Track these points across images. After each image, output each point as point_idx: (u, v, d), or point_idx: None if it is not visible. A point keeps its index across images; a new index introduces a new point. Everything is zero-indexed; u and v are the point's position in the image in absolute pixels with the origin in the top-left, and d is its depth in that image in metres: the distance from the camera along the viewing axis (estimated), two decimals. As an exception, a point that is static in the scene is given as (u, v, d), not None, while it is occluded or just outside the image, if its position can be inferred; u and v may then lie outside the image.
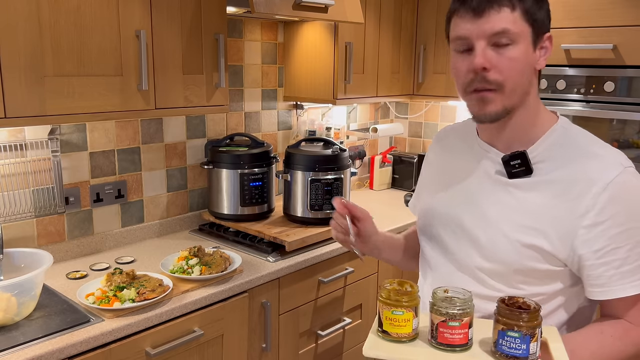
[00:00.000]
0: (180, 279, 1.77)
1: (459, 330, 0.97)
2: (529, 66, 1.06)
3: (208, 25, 1.90)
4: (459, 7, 1.05)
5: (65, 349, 1.40)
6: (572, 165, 1.06)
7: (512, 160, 1.09)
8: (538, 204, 1.06)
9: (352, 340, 2.36)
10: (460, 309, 0.97)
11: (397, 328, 1.01)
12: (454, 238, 1.17)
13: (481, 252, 1.12)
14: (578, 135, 1.12)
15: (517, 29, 1.02)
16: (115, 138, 2.09)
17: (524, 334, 0.93)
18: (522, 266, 1.07)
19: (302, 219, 2.25)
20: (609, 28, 2.17)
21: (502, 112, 1.06)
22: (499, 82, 1.03)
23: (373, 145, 3.29)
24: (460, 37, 1.05)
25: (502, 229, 1.09)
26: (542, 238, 1.05)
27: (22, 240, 1.89)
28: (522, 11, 1.02)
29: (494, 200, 1.12)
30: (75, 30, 1.57)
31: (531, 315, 0.94)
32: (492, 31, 1.02)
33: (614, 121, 2.19)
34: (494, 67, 1.03)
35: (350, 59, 2.44)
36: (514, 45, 1.02)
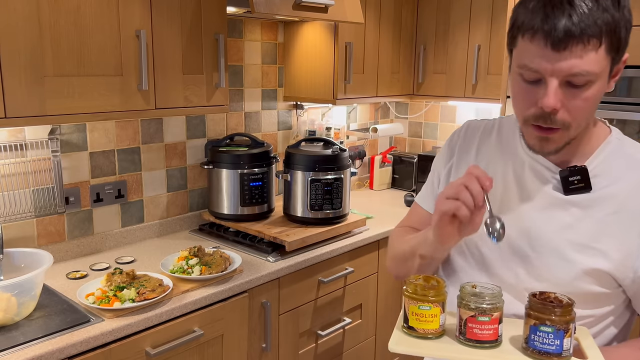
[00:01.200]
0: (180, 279, 1.77)
1: (488, 325, 0.93)
2: (600, 97, 0.94)
3: (208, 25, 1.90)
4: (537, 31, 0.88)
5: (65, 348, 1.41)
6: (630, 180, 1.00)
7: (571, 176, 1.00)
8: (596, 221, 0.99)
9: (352, 340, 2.36)
10: (489, 303, 0.93)
11: (424, 324, 0.97)
12: (497, 253, 1.07)
13: (532, 272, 1.03)
14: (633, 147, 1.05)
15: (598, 68, 0.88)
16: (115, 138, 2.09)
17: (557, 328, 0.89)
18: (577, 289, 1.00)
19: (302, 219, 2.25)
20: (609, 28, 2.17)
21: (562, 147, 0.97)
22: (565, 123, 0.92)
23: (373, 145, 3.29)
24: (532, 69, 0.91)
25: (557, 248, 1.01)
26: (602, 258, 0.98)
27: (22, 240, 1.89)
28: (607, 45, 0.88)
29: (548, 217, 1.03)
30: (75, 30, 1.57)
31: (564, 310, 0.90)
32: (570, 72, 0.88)
33: (614, 121, 2.19)
34: (564, 107, 0.91)
35: (350, 59, 2.44)
36: (591, 85, 0.90)
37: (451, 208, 0.94)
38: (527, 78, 0.93)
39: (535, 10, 0.88)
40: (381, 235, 2.36)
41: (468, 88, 2.70)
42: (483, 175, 0.94)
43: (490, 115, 3.00)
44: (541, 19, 0.87)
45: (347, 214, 2.34)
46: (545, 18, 0.86)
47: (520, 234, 1.05)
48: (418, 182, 2.95)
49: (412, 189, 3.07)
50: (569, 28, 0.85)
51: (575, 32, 0.85)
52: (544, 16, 0.87)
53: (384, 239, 2.39)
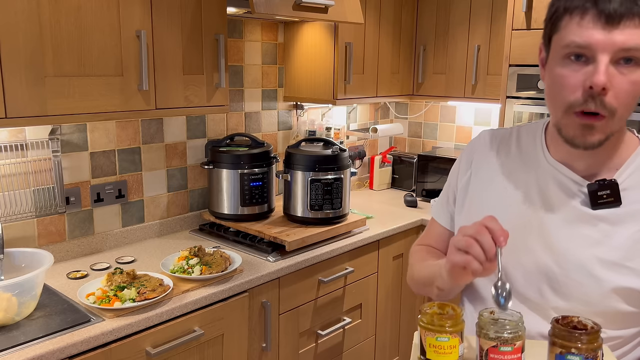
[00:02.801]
0: (181, 279, 1.77)
1: (511, 355, 0.87)
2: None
3: (208, 26, 1.90)
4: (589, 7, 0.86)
5: (65, 348, 1.41)
6: None
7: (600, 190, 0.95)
8: (626, 237, 0.94)
9: (352, 340, 2.36)
10: (511, 332, 0.87)
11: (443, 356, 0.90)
12: (520, 271, 1.02)
13: (558, 290, 0.99)
14: None
15: None
16: (115, 138, 2.09)
17: (585, 357, 0.83)
18: (607, 308, 0.95)
19: (302, 219, 2.26)
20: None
21: (604, 140, 0.92)
22: (612, 108, 0.88)
23: (373, 145, 3.29)
24: (580, 45, 0.87)
25: (585, 266, 0.96)
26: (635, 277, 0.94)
27: (23, 240, 1.89)
28: None
29: (575, 232, 0.98)
30: (76, 30, 1.57)
31: (592, 336, 0.84)
32: (624, 45, 0.84)
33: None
34: (613, 88, 0.86)
35: (350, 59, 2.45)
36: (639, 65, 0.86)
37: (461, 261, 0.90)
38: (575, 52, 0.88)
39: None
40: (381, 235, 2.36)
41: (468, 88, 2.70)
42: (498, 229, 0.89)
43: (490, 115, 3.00)
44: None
45: (347, 214, 2.35)
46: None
47: (545, 250, 1.00)
48: (418, 182, 2.95)
49: (412, 189, 3.07)
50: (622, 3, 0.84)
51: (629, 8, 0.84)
52: None
53: (384, 239, 2.39)
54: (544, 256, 1.00)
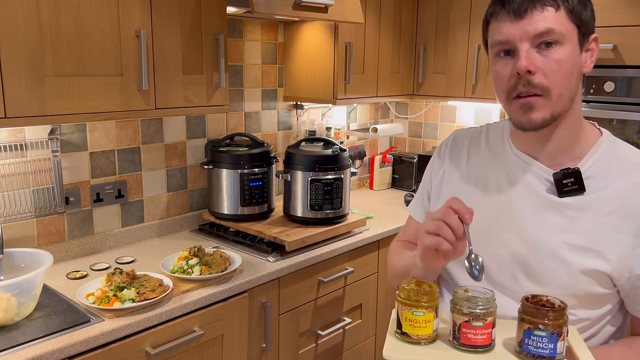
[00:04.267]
0: (180, 279, 1.77)
1: (482, 330, 0.94)
2: (575, 69, 0.98)
3: (208, 25, 1.90)
4: (499, 9, 0.98)
5: (65, 348, 1.41)
6: (623, 181, 1.01)
7: (565, 179, 1.02)
8: (592, 223, 1.00)
9: (352, 340, 2.36)
10: (483, 308, 0.94)
11: (418, 329, 0.97)
12: (495, 260, 1.07)
13: (531, 276, 1.04)
14: (624, 148, 1.06)
15: (562, 28, 0.95)
16: (115, 138, 2.09)
17: (551, 332, 0.90)
18: (579, 290, 1.01)
19: (302, 219, 2.25)
20: (609, 28, 2.17)
21: (550, 119, 0.99)
22: (544, 87, 0.96)
23: (373, 145, 3.29)
24: (502, 41, 0.98)
25: (555, 252, 1.02)
26: (601, 260, 0.99)
27: (22, 240, 1.89)
28: (566, 10, 0.96)
29: (544, 220, 1.04)
30: (76, 30, 1.57)
31: (558, 313, 0.91)
32: (535, 32, 0.95)
33: (614, 121, 2.19)
34: (539, 69, 0.95)
35: (350, 59, 2.44)
36: (560, 46, 0.96)
37: (432, 243, 0.97)
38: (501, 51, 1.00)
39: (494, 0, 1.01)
40: (381, 235, 2.36)
41: (468, 88, 2.70)
42: (463, 208, 0.96)
43: (490, 115, 3.00)
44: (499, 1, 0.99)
45: (347, 214, 2.34)
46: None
47: (517, 239, 1.05)
48: (418, 182, 2.94)
49: (412, 189, 3.07)
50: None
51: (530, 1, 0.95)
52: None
53: (384, 239, 2.39)
54: (516, 245, 1.05)
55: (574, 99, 1.01)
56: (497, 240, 1.07)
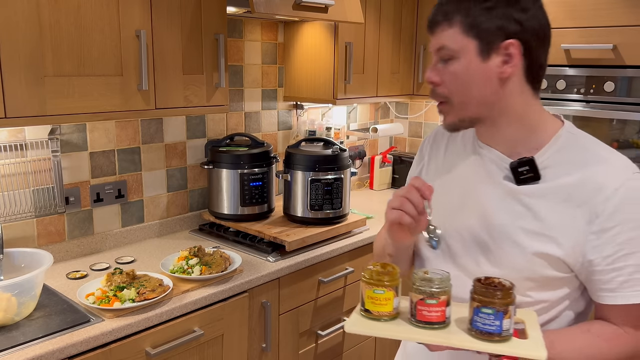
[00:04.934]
0: (180, 279, 1.77)
1: (436, 308, 1.01)
2: (479, 78, 1.05)
3: (208, 25, 1.90)
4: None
5: (65, 348, 1.41)
6: (580, 171, 1.05)
7: (520, 167, 1.08)
8: (547, 210, 1.05)
9: (352, 340, 2.36)
10: (438, 287, 1.01)
11: (379, 306, 1.05)
12: (461, 243, 1.15)
13: (491, 259, 1.10)
14: (585, 139, 1.11)
15: (455, 45, 1.04)
16: (115, 138, 2.09)
17: (497, 310, 0.96)
18: (533, 273, 1.06)
19: (302, 219, 2.25)
20: (609, 28, 2.17)
21: (459, 124, 1.10)
22: (445, 96, 1.08)
23: (373, 145, 3.29)
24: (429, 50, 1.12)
25: (512, 237, 1.07)
26: (553, 244, 1.04)
27: (22, 240, 1.89)
28: (462, 26, 1.03)
29: (503, 206, 1.10)
30: (76, 30, 1.57)
31: (505, 293, 0.97)
32: (435, 47, 1.07)
33: (614, 121, 2.19)
34: (442, 81, 1.07)
35: (350, 59, 2.44)
36: (455, 60, 1.05)
37: (396, 217, 1.09)
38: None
39: None
40: (381, 235, 2.36)
41: (468, 88, 2.70)
42: (422, 185, 1.08)
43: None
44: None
45: (347, 214, 2.34)
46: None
47: (480, 224, 1.12)
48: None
49: (412, 189, 3.07)
50: (433, 15, 1.08)
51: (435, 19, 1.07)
52: None
53: (384, 239, 2.38)
54: (479, 230, 1.12)
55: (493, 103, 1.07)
56: (463, 225, 1.15)
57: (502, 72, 1.05)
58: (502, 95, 1.06)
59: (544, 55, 1.08)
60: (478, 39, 1.03)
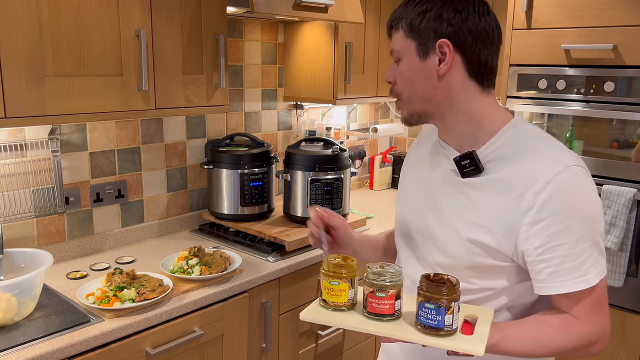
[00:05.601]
0: (180, 279, 1.77)
1: (385, 301, 1.05)
2: (420, 76, 1.13)
3: (208, 25, 1.90)
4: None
5: (65, 348, 1.41)
6: (516, 164, 1.10)
7: (462, 160, 1.14)
8: (486, 201, 1.11)
9: (352, 341, 2.36)
10: (387, 281, 1.05)
11: (334, 297, 1.11)
12: (420, 235, 1.23)
13: (439, 249, 1.17)
14: (527, 133, 1.15)
15: (399, 47, 1.14)
16: (115, 138, 2.09)
17: (439, 305, 1.00)
18: (472, 262, 1.12)
19: (302, 219, 2.25)
20: (609, 28, 2.17)
21: (409, 118, 1.19)
22: (397, 93, 1.17)
23: (373, 145, 3.29)
24: None
25: (454, 227, 1.14)
26: (487, 234, 1.09)
27: (22, 240, 1.89)
28: (404, 29, 1.13)
29: (450, 198, 1.17)
30: (75, 30, 1.57)
31: (449, 289, 1.00)
32: (390, 51, 1.18)
33: (614, 121, 2.19)
34: (395, 80, 1.17)
35: (350, 59, 2.44)
36: (401, 61, 1.15)
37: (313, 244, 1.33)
38: None
39: None
40: (381, 235, 2.36)
41: (468, 88, 2.70)
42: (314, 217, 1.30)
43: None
44: None
45: (347, 214, 2.34)
46: None
47: (434, 216, 1.19)
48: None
49: (412, 189, 3.07)
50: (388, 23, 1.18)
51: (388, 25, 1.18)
52: None
53: (384, 239, 2.39)
54: (431, 220, 1.20)
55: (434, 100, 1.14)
56: (421, 217, 1.23)
57: (439, 70, 1.11)
58: (444, 91, 1.13)
59: (490, 55, 1.14)
60: (415, 40, 1.12)
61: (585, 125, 2.26)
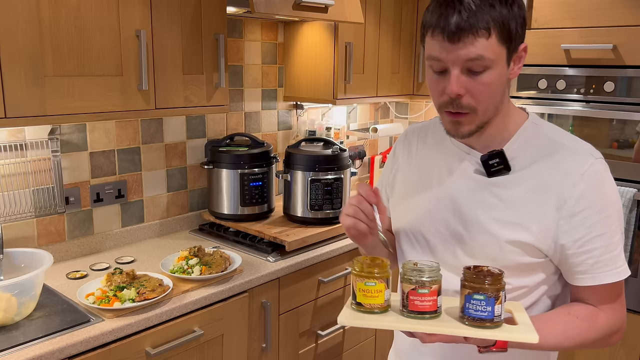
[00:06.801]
0: (180, 279, 1.77)
1: (428, 297, 1.01)
2: (503, 84, 1.06)
3: (208, 25, 1.90)
4: (435, 27, 1.01)
5: (65, 348, 1.41)
6: (546, 159, 1.10)
7: (491, 160, 1.11)
8: (519, 199, 1.09)
9: (352, 340, 2.36)
10: (428, 276, 1.02)
11: (370, 299, 1.06)
12: (439, 238, 1.18)
13: (467, 251, 1.14)
14: (548, 129, 1.16)
15: (492, 55, 1.00)
16: (115, 138, 2.09)
17: (488, 296, 0.98)
18: (508, 261, 1.10)
19: (302, 219, 2.25)
20: (609, 28, 2.17)
21: (475, 130, 1.09)
22: (472, 107, 1.04)
23: (373, 145, 3.29)
24: (435, 58, 1.03)
25: (487, 228, 1.11)
26: (526, 232, 1.08)
27: (22, 240, 1.89)
28: (497, 34, 1.00)
29: (477, 200, 1.13)
30: (76, 30, 1.57)
31: (494, 279, 0.99)
32: (466, 57, 1.00)
33: (614, 121, 2.19)
34: (468, 92, 1.03)
35: (350, 59, 2.44)
36: (489, 70, 1.01)
37: (351, 225, 1.15)
38: (435, 69, 1.05)
39: (433, 10, 1.02)
40: (381, 235, 2.36)
41: (468, 88, 2.70)
42: (368, 193, 1.13)
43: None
44: (437, 17, 1.01)
45: (347, 214, 2.34)
46: (440, 16, 1.00)
47: (455, 218, 1.15)
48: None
49: (412, 189, 3.07)
50: (458, 23, 0.98)
51: (465, 27, 0.98)
52: (439, 14, 1.00)
53: (384, 239, 2.39)
54: (454, 223, 1.15)
55: (501, 104, 1.09)
56: (439, 220, 1.18)
57: (512, 74, 1.07)
58: (504, 96, 1.09)
59: None
60: (506, 46, 1.02)
61: (585, 125, 2.26)
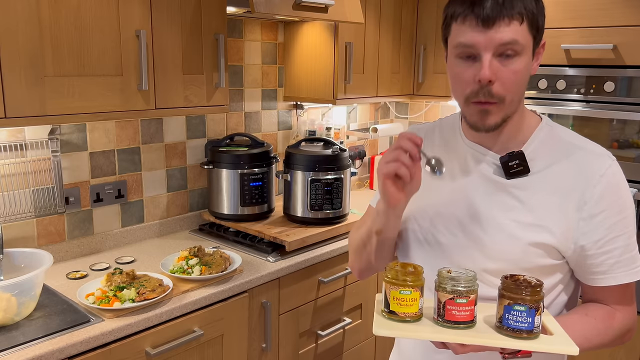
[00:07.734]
0: (180, 279, 1.77)
1: (465, 307, 0.99)
2: (527, 76, 1.07)
3: (208, 25, 1.90)
4: (467, 13, 1.02)
5: (65, 349, 1.41)
6: (563, 161, 1.10)
7: (510, 161, 1.11)
8: (539, 200, 1.09)
9: (352, 340, 2.36)
10: (466, 286, 0.99)
11: (405, 308, 1.02)
12: (453, 241, 1.15)
13: (486, 253, 1.12)
14: (563, 131, 1.16)
15: (524, 40, 1.01)
16: (115, 138, 2.09)
17: (529, 307, 0.96)
18: (529, 263, 1.09)
19: (302, 219, 2.25)
20: (609, 28, 2.17)
21: (501, 122, 1.07)
22: (501, 96, 1.03)
23: (373, 145, 3.29)
24: (467, 45, 1.03)
25: (505, 229, 1.10)
26: (548, 234, 1.08)
27: (22, 240, 1.89)
28: (528, 22, 1.01)
29: (494, 201, 1.12)
30: (76, 30, 1.57)
31: (534, 289, 0.97)
32: (501, 41, 1.00)
33: (614, 121, 2.19)
34: (499, 79, 1.02)
35: (350, 59, 2.44)
36: (519, 57, 1.02)
37: (392, 169, 1.04)
38: (464, 54, 1.04)
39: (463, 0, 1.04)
40: (381, 235, 2.36)
41: (468, 88, 2.70)
42: (412, 135, 1.04)
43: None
44: (469, 3, 1.02)
45: (347, 214, 2.34)
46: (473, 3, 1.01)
47: (472, 220, 1.13)
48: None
49: (412, 189, 3.07)
50: (494, 7, 0.99)
51: (501, 11, 0.99)
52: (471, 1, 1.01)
53: (384, 239, 2.39)
54: (471, 226, 1.13)
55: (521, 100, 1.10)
56: (454, 223, 1.15)
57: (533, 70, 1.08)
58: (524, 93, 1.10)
59: None
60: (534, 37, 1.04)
61: (586, 125, 2.26)
